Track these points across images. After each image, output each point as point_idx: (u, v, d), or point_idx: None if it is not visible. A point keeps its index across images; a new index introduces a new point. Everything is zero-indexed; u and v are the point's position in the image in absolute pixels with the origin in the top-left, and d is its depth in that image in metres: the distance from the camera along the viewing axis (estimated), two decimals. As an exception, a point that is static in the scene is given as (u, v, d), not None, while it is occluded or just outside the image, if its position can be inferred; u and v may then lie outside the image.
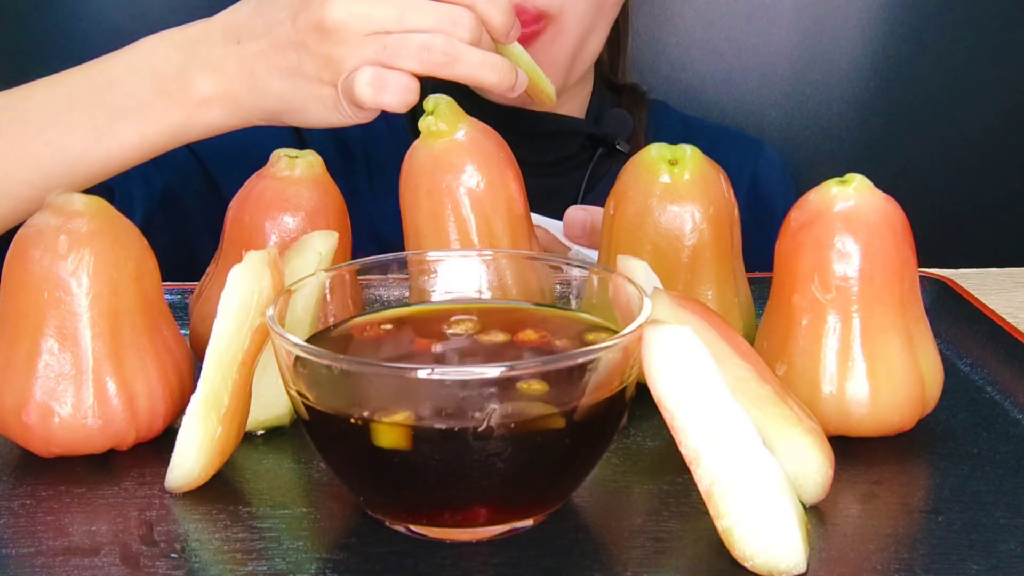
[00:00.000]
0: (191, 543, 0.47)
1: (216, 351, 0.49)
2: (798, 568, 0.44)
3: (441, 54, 0.68)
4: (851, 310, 0.53)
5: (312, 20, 0.70)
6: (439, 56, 0.68)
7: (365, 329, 0.52)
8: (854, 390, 0.53)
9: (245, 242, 0.59)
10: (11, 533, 0.47)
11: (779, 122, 1.24)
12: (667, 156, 0.59)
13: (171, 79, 0.74)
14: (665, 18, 1.22)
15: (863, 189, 0.53)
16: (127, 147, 0.74)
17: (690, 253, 0.58)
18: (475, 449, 0.42)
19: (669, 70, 1.23)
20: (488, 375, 0.42)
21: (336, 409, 0.44)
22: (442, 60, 0.68)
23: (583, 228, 0.71)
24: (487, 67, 0.69)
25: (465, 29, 0.69)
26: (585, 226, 0.71)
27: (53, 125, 0.74)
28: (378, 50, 0.69)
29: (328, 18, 0.69)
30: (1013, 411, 0.58)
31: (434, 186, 0.59)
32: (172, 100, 0.73)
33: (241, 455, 0.53)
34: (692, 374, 0.44)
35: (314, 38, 0.70)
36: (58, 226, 0.52)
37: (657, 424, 0.45)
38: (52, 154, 0.73)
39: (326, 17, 0.69)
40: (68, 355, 0.52)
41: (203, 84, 0.73)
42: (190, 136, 0.75)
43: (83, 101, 0.74)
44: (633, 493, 0.51)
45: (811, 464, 0.48)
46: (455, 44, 0.68)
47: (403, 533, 0.47)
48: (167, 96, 0.73)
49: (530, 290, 0.56)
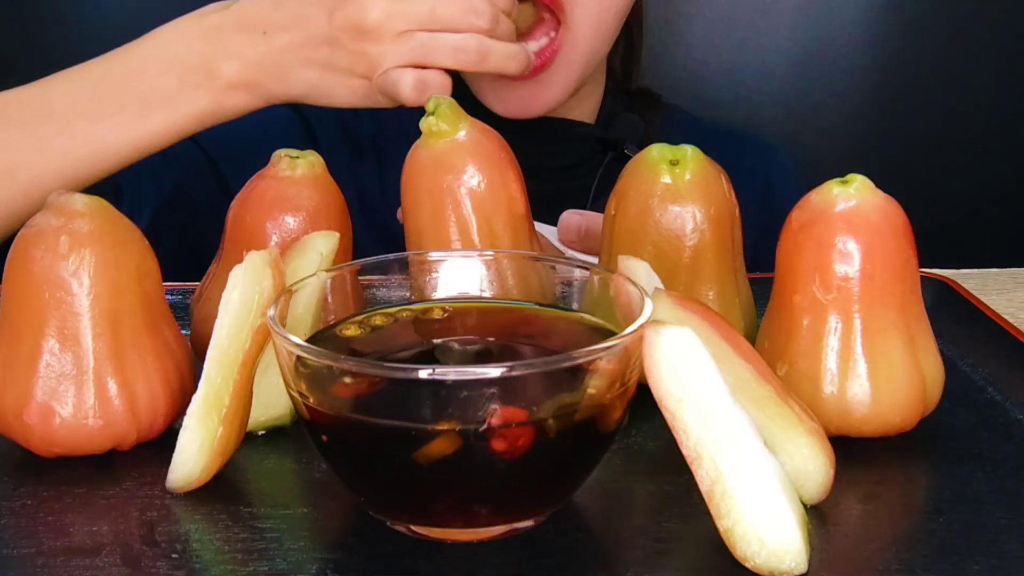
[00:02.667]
0: (192, 543, 0.47)
1: (217, 351, 0.49)
2: (799, 568, 0.44)
3: (474, 53, 0.75)
4: (852, 310, 0.53)
5: (350, 18, 0.74)
6: (472, 55, 0.75)
7: (366, 329, 0.52)
8: (855, 390, 0.53)
9: (246, 242, 0.59)
10: (12, 533, 0.47)
11: (780, 122, 1.24)
12: (668, 156, 0.59)
13: (196, 68, 0.77)
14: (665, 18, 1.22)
15: (864, 189, 0.53)
16: (156, 134, 0.77)
17: (691, 253, 0.58)
18: (476, 450, 0.42)
19: (670, 69, 1.23)
20: (489, 375, 0.42)
21: (337, 409, 0.44)
22: (475, 58, 0.75)
23: (577, 232, 0.71)
24: (510, 58, 0.76)
25: (485, 17, 0.75)
26: (580, 230, 0.71)
27: (80, 117, 0.77)
28: (414, 48, 0.74)
29: (368, 18, 0.73)
30: (1014, 411, 0.58)
31: (435, 186, 0.59)
32: (200, 88, 0.77)
33: (242, 455, 0.53)
34: (693, 374, 0.44)
35: (349, 35, 0.74)
36: (59, 226, 0.52)
37: (658, 424, 0.45)
38: (80, 145, 0.76)
39: (366, 17, 0.73)
40: (69, 355, 0.52)
41: (229, 71, 0.76)
42: (217, 119, 0.79)
43: (110, 92, 0.77)
44: (634, 493, 0.51)
45: (812, 464, 0.48)
46: (484, 42, 0.75)
47: (404, 533, 0.47)
48: (195, 85, 0.76)
49: (531, 290, 0.56)
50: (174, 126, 0.77)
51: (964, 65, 1.22)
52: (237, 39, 0.77)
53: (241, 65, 0.76)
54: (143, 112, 0.76)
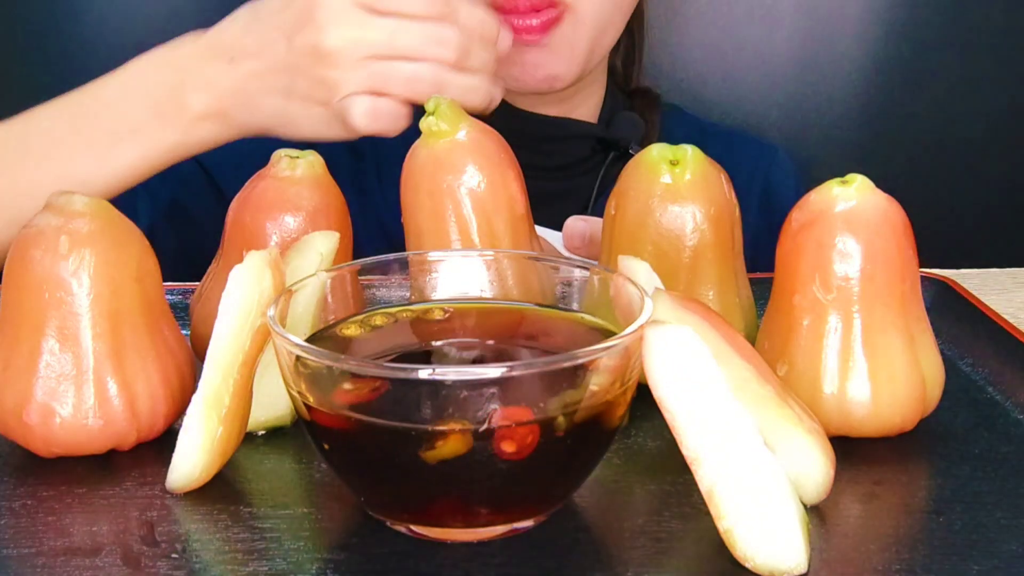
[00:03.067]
0: (192, 543, 0.47)
1: (217, 351, 0.49)
2: (799, 568, 0.44)
3: (429, 83, 0.72)
4: (852, 310, 0.53)
5: (308, 43, 0.73)
6: (426, 86, 0.72)
7: (366, 329, 0.52)
8: (855, 390, 0.53)
9: (246, 242, 0.59)
10: (12, 533, 0.47)
11: (780, 122, 1.24)
12: (668, 156, 0.59)
13: (165, 100, 0.76)
14: (666, 18, 1.22)
15: (864, 189, 0.53)
16: (129, 168, 0.77)
17: (691, 253, 0.58)
18: (476, 450, 0.42)
19: (670, 69, 1.23)
20: (489, 375, 0.42)
21: (337, 409, 0.44)
22: (429, 90, 0.72)
23: (582, 239, 0.71)
24: (470, 91, 0.73)
25: (450, 48, 0.73)
26: (584, 236, 0.71)
27: (56, 152, 0.77)
28: (371, 75, 0.72)
29: (324, 43, 0.72)
30: (1014, 411, 0.58)
31: (435, 186, 0.59)
32: (167, 120, 0.76)
33: (242, 455, 0.53)
34: (693, 374, 0.44)
35: (309, 61, 0.73)
36: (59, 226, 0.52)
37: (658, 424, 0.45)
38: (57, 180, 0.75)
39: (322, 42, 0.72)
40: (69, 355, 0.52)
41: (196, 102, 0.76)
42: (188, 152, 0.78)
43: (82, 126, 0.77)
44: (634, 493, 0.51)
45: (812, 464, 0.48)
46: (441, 73, 0.73)
47: (404, 533, 0.47)
48: (162, 116, 0.76)
49: (531, 290, 0.56)
50: (145, 160, 0.76)
51: (964, 65, 1.22)
52: (205, 68, 0.76)
53: (208, 95, 0.76)
54: (115, 146, 0.76)
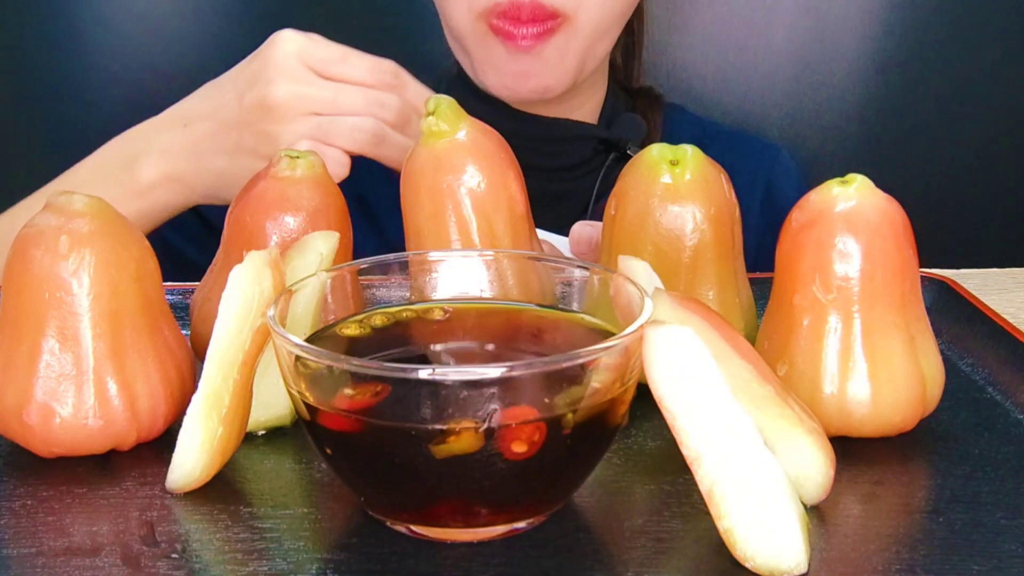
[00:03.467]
0: (192, 543, 0.47)
1: (217, 351, 0.49)
2: (799, 568, 0.44)
3: (370, 134, 0.78)
4: (852, 310, 0.53)
5: (256, 98, 0.77)
6: (368, 136, 0.78)
7: (366, 329, 0.52)
8: (855, 390, 0.53)
9: (246, 242, 0.59)
10: (12, 533, 0.47)
11: (780, 122, 1.24)
12: (668, 156, 0.59)
13: (121, 170, 0.80)
14: (666, 18, 1.22)
15: (864, 189, 0.53)
16: None
17: (691, 253, 0.58)
18: (484, 448, 0.42)
19: (670, 69, 1.23)
20: (489, 375, 0.42)
21: (337, 409, 0.44)
22: (370, 139, 0.78)
23: (589, 244, 0.70)
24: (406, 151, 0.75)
25: (391, 112, 0.78)
26: (591, 242, 0.70)
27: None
28: (313, 128, 0.77)
29: (271, 96, 0.77)
30: (1014, 411, 0.58)
31: (435, 186, 0.59)
32: (123, 190, 0.80)
33: (242, 455, 0.53)
34: (693, 374, 0.44)
35: (256, 115, 0.77)
36: (59, 226, 0.52)
37: (658, 424, 0.45)
38: None
39: (269, 95, 0.77)
40: (69, 355, 0.52)
41: (148, 170, 0.80)
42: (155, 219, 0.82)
43: None
44: (634, 493, 0.51)
45: (812, 464, 0.48)
46: (382, 127, 0.78)
47: (404, 533, 0.47)
48: (119, 187, 0.80)
49: (531, 290, 0.56)
50: None
51: (964, 65, 1.22)
52: (160, 136, 0.80)
53: (161, 160, 0.79)
54: None
